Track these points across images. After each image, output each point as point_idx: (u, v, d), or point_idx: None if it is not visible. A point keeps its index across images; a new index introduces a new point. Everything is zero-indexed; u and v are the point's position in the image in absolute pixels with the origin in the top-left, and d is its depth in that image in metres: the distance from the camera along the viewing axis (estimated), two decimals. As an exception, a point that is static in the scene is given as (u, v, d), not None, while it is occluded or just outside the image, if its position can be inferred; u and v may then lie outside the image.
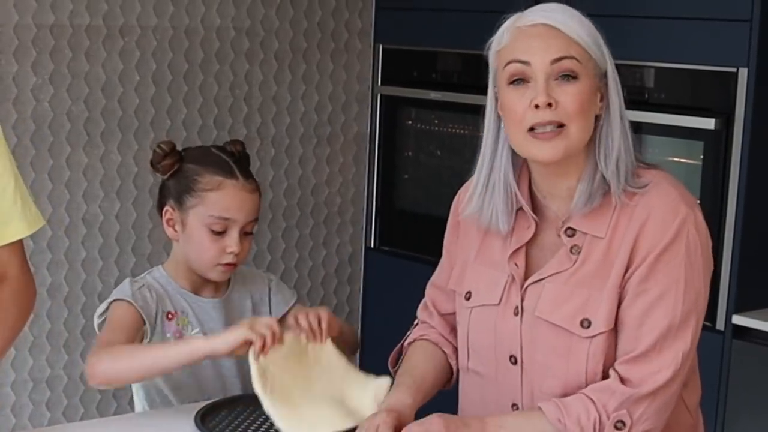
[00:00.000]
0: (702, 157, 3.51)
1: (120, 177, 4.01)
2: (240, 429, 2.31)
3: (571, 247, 2.15)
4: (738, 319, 3.44)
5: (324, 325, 2.37)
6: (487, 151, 2.23)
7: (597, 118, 2.14)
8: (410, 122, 4.48)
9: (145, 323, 2.47)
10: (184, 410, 2.41)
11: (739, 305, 3.46)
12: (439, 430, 2.09)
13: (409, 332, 2.49)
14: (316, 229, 4.53)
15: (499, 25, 2.20)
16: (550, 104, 2.08)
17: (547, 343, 2.16)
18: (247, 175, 2.53)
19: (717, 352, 3.47)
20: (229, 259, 2.49)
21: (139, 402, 2.60)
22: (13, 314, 2.38)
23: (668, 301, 2.09)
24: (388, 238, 4.58)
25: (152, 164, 2.57)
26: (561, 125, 2.09)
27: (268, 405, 2.21)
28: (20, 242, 2.40)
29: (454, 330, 2.39)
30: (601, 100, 2.15)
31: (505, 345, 2.23)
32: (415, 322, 2.50)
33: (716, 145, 3.46)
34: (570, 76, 2.10)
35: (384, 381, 2.31)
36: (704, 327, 3.52)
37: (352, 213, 4.62)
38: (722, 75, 3.43)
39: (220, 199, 2.47)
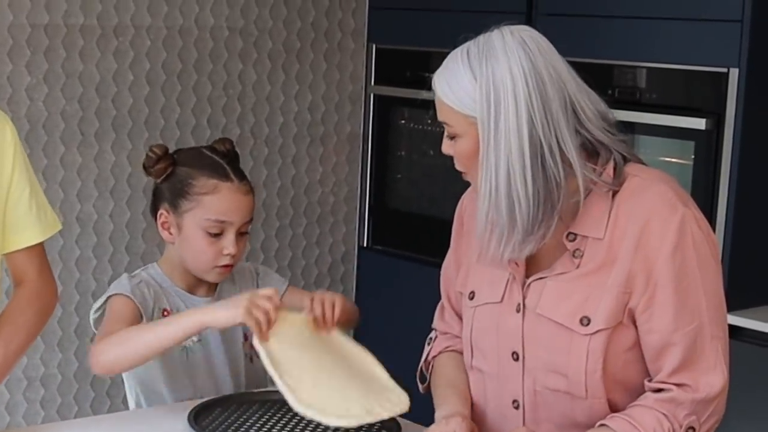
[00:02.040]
0: (693, 156, 3.53)
1: (114, 176, 4.02)
2: (233, 428, 2.32)
3: (574, 251, 2.18)
4: (729, 319, 3.41)
5: (337, 311, 2.36)
6: None
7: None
8: (403, 122, 4.49)
9: (142, 318, 2.48)
10: (177, 408, 2.42)
11: (730, 304, 3.45)
12: None
13: (429, 346, 2.49)
14: (310, 228, 4.54)
15: None
16: (451, 154, 2.19)
17: (548, 340, 2.19)
18: (241, 176, 2.54)
19: (708, 350, 3.49)
20: (227, 260, 2.51)
21: (133, 400, 2.62)
22: (30, 317, 2.40)
23: (692, 300, 2.12)
24: (381, 237, 4.59)
25: (145, 168, 2.57)
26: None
27: (280, 384, 2.17)
28: (38, 247, 2.43)
29: None
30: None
31: (507, 341, 2.25)
32: (433, 335, 2.51)
33: (707, 144, 3.48)
34: (452, 136, 2.18)
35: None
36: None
37: (345, 212, 4.63)
38: (713, 75, 3.45)
39: (216, 202, 2.49)
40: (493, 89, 2.08)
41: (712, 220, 3.47)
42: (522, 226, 2.11)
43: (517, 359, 2.24)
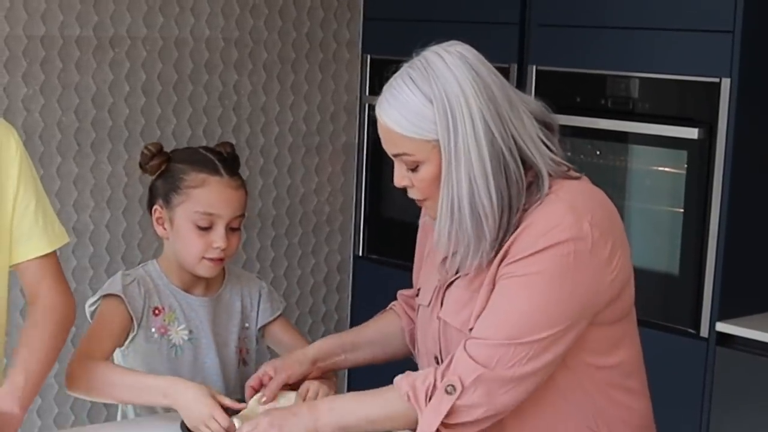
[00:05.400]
0: (686, 166, 3.55)
1: (110, 186, 4.03)
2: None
3: None
4: (722, 327, 3.47)
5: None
6: None
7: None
8: (398, 132, 4.50)
9: (132, 320, 2.54)
10: (170, 417, 2.44)
11: (722, 313, 3.49)
12: (264, 429, 2.17)
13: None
14: (305, 237, 4.56)
15: None
16: (406, 185, 2.20)
17: (455, 345, 2.21)
18: (232, 172, 2.58)
19: (701, 359, 3.51)
20: (216, 253, 2.54)
21: (128, 410, 2.64)
22: (46, 335, 2.35)
23: (518, 303, 2.10)
24: (376, 246, 4.61)
25: (141, 165, 2.63)
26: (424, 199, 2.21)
27: None
28: (52, 259, 2.41)
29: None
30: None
31: (431, 345, 2.31)
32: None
33: (700, 154, 3.49)
34: (412, 169, 2.17)
35: None
36: (688, 334, 3.59)
37: (340, 222, 4.65)
38: (706, 85, 3.47)
39: (205, 196, 2.52)
40: (449, 107, 2.09)
41: (704, 228, 3.49)
42: (490, 236, 2.12)
43: (438, 364, 2.27)
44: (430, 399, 2.10)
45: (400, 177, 2.20)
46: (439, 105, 2.10)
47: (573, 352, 2.15)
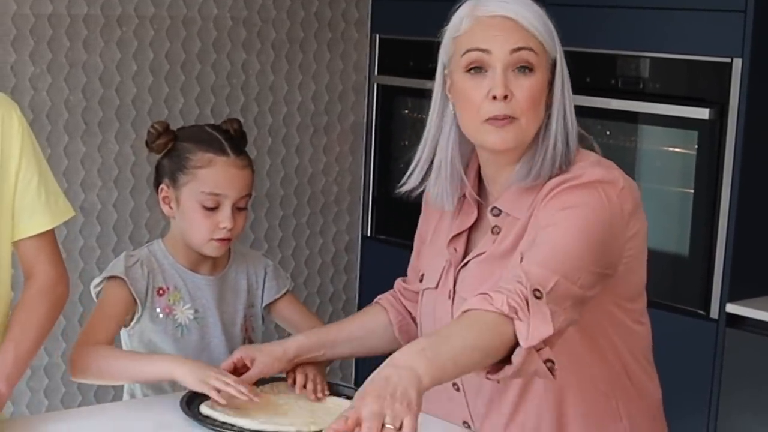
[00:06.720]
0: (696, 146, 3.53)
1: (117, 166, 4.02)
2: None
3: (493, 227, 2.20)
4: (731, 308, 3.46)
5: (321, 386, 2.45)
6: (431, 130, 2.30)
7: (547, 106, 2.19)
8: (406, 112, 4.49)
9: (136, 302, 2.54)
10: (177, 396, 2.43)
11: (732, 294, 3.48)
12: (372, 411, 1.98)
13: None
14: (313, 218, 4.55)
15: (454, 12, 2.25)
16: (506, 96, 2.12)
17: None
18: (239, 151, 2.57)
19: (711, 340, 3.50)
20: (223, 234, 2.53)
21: (135, 388, 2.64)
22: (41, 313, 2.35)
23: (565, 235, 2.06)
24: (385, 226, 4.60)
25: (147, 144, 2.63)
26: (514, 118, 2.14)
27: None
28: (49, 236, 2.40)
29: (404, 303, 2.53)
30: (551, 89, 2.19)
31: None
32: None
33: (710, 134, 3.48)
34: (527, 68, 2.14)
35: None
36: (698, 315, 3.59)
37: (348, 202, 4.64)
38: (717, 65, 3.45)
39: (211, 176, 2.52)
40: (558, 33, 2.19)
41: (714, 209, 3.48)
42: (547, 167, 2.17)
43: None
44: (528, 308, 1.93)
45: (504, 87, 2.12)
46: (553, 26, 2.18)
47: (599, 324, 2.16)
